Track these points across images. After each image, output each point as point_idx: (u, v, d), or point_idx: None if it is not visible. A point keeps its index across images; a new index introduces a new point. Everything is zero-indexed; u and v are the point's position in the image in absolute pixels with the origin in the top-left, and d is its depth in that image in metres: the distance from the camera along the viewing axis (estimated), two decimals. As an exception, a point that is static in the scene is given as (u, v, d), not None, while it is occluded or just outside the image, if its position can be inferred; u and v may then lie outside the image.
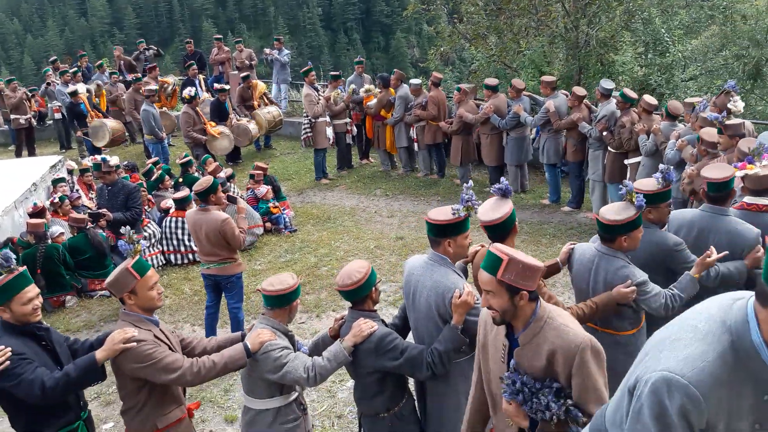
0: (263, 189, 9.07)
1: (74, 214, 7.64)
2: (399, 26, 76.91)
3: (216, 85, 12.26)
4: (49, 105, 13.66)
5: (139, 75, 12.96)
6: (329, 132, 10.59)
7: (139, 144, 13.08)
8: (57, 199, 8.29)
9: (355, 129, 11.30)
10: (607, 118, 7.99)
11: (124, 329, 3.06)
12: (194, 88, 11.50)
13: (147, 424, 3.22)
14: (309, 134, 10.55)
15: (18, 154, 12.79)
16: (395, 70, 11.17)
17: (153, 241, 7.94)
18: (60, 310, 7.15)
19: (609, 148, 8.04)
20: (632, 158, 7.81)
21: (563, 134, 8.93)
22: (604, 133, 7.97)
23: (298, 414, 3.38)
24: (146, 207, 8.34)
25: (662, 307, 3.37)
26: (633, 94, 7.90)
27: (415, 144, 10.58)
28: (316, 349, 3.51)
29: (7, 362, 2.93)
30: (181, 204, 7.76)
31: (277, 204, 9.09)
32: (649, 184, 3.72)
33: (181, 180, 8.90)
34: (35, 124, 13.67)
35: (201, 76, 13.48)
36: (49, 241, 7.26)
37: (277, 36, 15.88)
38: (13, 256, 3.11)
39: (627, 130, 7.68)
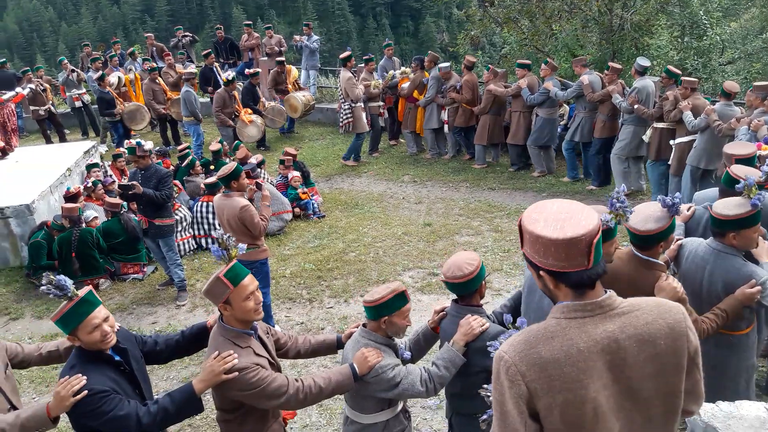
0: (291, 174, 9.12)
1: (108, 199, 7.77)
2: (428, 11, 76.18)
3: (248, 71, 12.33)
4: (68, 94, 13.81)
5: (155, 65, 12.97)
6: (364, 116, 10.67)
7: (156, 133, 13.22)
8: (90, 184, 8.45)
9: (386, 112, 11.37)
10: (638, 90, 8.08)
11: (223, 357, 2.80)
12: (232, 72, 11.64)
13: None
14: (350, 119, 10.55)
15: (48, 143, 12.99)
16: (429, 51, 11.30)
17: (185, 224, 8.05)
18: (94, 293, 7.29)
19: (654, 125, 8.03)
20: (679, 138, 7.74)
21: (598, 112, 8.93)
22: (636, 106, 8.01)
23: (405, 424, 3.24)
24: (175, 192, 8.45)
25: None
26: (677, 70, 8.03)
27: (445, 126, 10.61)
28: (418, 346, 3.39)
29: (85, 392, 2.69)
30: (212, 189, 7.90)
31: (306, 190, 9.13)
32: (748, 172, 3.59)
33: (213, 166, 8.99)
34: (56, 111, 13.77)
35: (216, 64, 13.58)
36: (84, 225, 7.41)
37: (306, 22, 15.86)
38: (70, 281, 2.84)
39: (670, 103, 7.69)
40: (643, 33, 11.51)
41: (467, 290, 3.06)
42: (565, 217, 1.80)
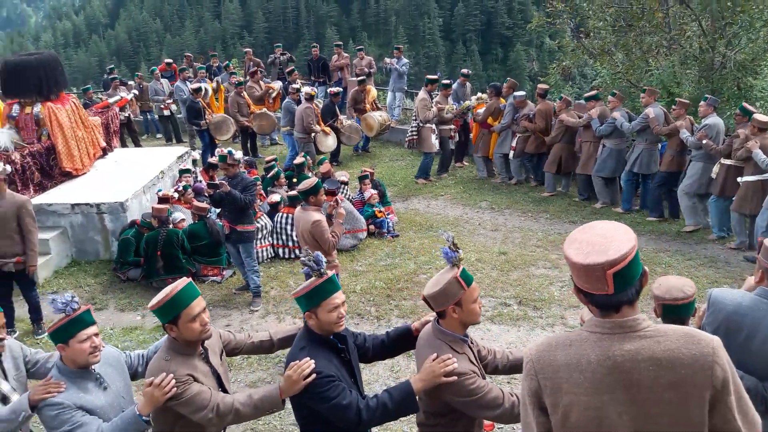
0: (369, 193, 9.23)
1: (197, 203, 8.11)
2: (519, 39, 75.80)
3: (330, 90, 12.71)
4: (155, 103, 14.58)
5: (242, 80, 13.41)
6: (433, 138, 10.90)
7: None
8: (181, 188, 8.86)
9: (457, 135, 11.68)
10: (708, 126, 8.04)
11: (443, 359, 2.76)
12: (313, 88, 12.07)
13: None
14: (415, 137, 10.95)
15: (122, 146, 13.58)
16: (508, 78, 11.41)
17: (264, 233, 8.29)
18: (174, 291, 7.59)
19: (722, 161, 7.97)
20: (747, 176, 7.66)
21: (658, 147, 9.05)
22: (704, 141, 7.95)
23: None
24: (258, 201, 8.73)
25: None
26: (752, 108, 7.99)
27: (511, 152, 10.81)
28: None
29: (314, 375, 2.78)
30: (292, 201, 8.16)
31: (382, 208, 9.21)
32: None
33: (295, 179, 9.24)
34: (134, 118, 14.52)
35: (300, 80, 13.99)
36: (171, 225, 7.76)
37: (396, 45, 16.11)
38: (324, 259, 3.01)
39: (740, 141, 7.65)
40: (747, 72, 10.99)
41: (688, 313, 3.09)
42: (599, 241, 1.92)
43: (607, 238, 1.92)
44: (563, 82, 16.20)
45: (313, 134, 11.51)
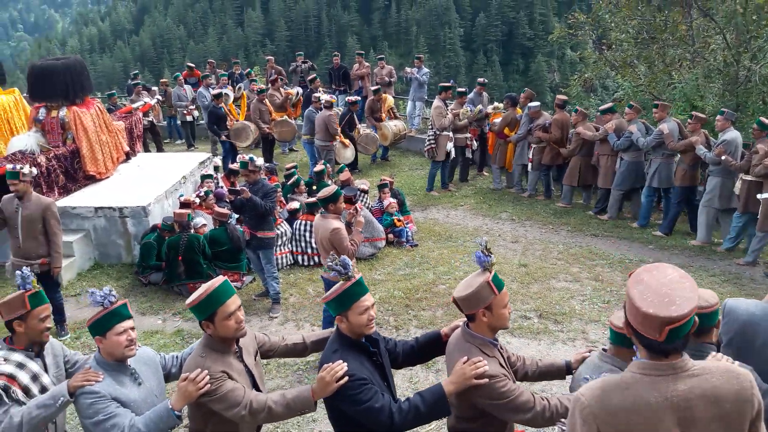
0: (388, 201, 9.24)
1: (218, 208, 8.17)
2: (540, 50, 75.60)
3: (348, 98, 12.79)
4: (179, 109, 14.78)
5: (263, 87, 13.49)
6: (449, 146, 10.95)
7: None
8: (203, 193, 8.93)
9: (475, 144, 11.67)
10: (727, 142, 7.93)
11: (474, 362, 2.77)
12: (333, 96, 12.22)
13: None
14: (433, 145, 10.97)
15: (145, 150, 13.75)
16: (525, 89, 11.49)
17: (284, 239, 8.32)
18: (194, 296, 7.64)
19: (743, 177, 7.87)
20: (766, 193, 7.57)
21: (675, 159, 8.92)
22: (723, 157, 7.86)
23: None
24: (278, 208, 8.77)
25: None
26: None
27: (529, 164, 10.81)
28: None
29: (346, 378, 2.79)
30: (311, 209, 8.19)
31: (401, 217, 9.21)
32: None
33: (314, 187, 9.29)
34: (157, 123, 14.67)
35: (321, 89, 14.08)
36: (192, 231, 7.82)
37: (417, 55, 16.15)
38: (351, 262, 3.00)
39: (759, 157, 7.54)
40: (773, 87, 10.85)
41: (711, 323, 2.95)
42: (665, 292, 2.00)
43: (673, 290, 2.01)
44: (585, 94, 16.11)
45: (334, 143, 11.59)
